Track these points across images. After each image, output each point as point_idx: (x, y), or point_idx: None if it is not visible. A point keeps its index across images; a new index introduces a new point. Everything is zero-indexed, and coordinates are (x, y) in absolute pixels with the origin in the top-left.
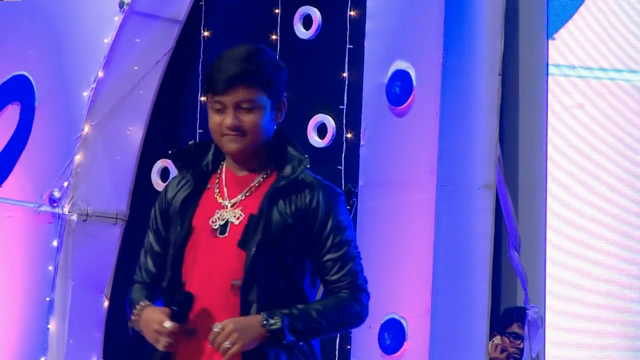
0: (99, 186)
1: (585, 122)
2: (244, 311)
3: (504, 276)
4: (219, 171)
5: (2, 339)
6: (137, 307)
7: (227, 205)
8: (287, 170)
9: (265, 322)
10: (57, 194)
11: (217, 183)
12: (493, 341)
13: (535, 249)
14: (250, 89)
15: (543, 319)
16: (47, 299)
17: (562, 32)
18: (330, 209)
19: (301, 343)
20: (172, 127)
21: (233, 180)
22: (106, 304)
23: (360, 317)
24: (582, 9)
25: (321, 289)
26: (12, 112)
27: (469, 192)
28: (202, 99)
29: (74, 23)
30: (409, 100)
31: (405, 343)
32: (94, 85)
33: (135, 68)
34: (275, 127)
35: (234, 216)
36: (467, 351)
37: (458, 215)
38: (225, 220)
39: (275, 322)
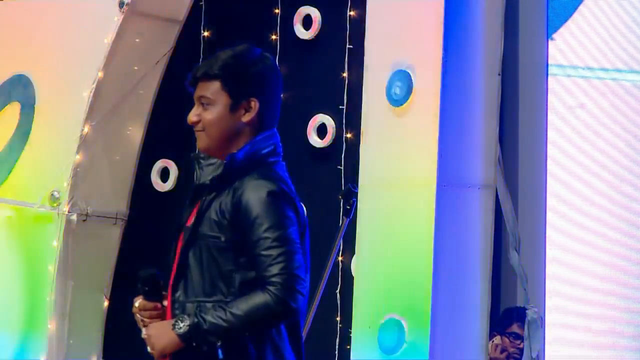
0: (98, 186)
1: (587, 122)
2: (173, 309)
3: (504, 276)
4: None
5: (2, 339)
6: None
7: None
8: (226, 164)
9: (174, 325)
10: (57, 194)
11: None
12: (493, 341)
13: (535, 249)
14: (208, 83)
15: (543, 319)
16: (47, 299)
17: (562, 31)
18: (251, 203)
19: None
20: (172, 127)
21: None
22: (106, 303)
23: (282, 315)
24: (581, 8)
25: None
26: (13, 112)
27: (469, 192)
28: None
29: (74, 23)
30: (408, 101)
31: (405, 343)
32: (94, 85)
33: (135, 68)
34: (247, 127)
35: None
36: (467, 351)
37: (458, 215)
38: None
39: (184, 326)
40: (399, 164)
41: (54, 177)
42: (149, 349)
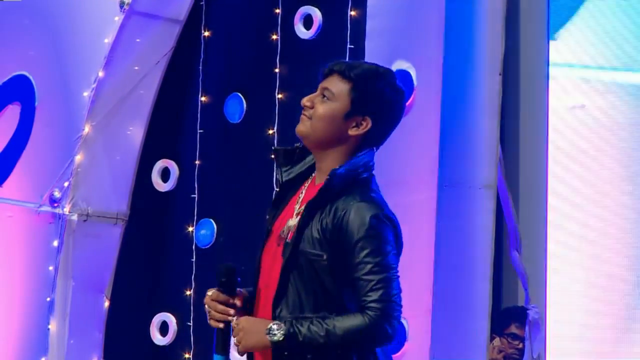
0: (99, 186)
1: (587, 122)
2: (274, 317)
3: (505, 276)
4: (312, 175)
5: (2, 339)
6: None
7: (294, 214)
8: (326, 184)
9: (268, 330)
10: (57, 194)
11: (304, 186)
12: (492, 343)
13: (536, 249)
14: (340, 81)
15: (544, 319)
16: (48, 299)
17: (563, 32)
18: (356, 226)
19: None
20: (173, 127)
21: (311, 187)
22: (106, 304)
23: (379, 341)
24: (582, 9)
25: None
26: (13, 112)
27: (469, 192)
28: (203, 99)
29: (74, 23)
30: (409, 101)
31: (406, 343)
32: (94, 85)
33: (136, 68)
34: (349, 138)
35: (293, 225)
36: (468, 351)
37: (459, 215)
38: (289, 230)
39: (278, 334)
40: (399, 164)
41: (54, 177)
42: (234, 339)
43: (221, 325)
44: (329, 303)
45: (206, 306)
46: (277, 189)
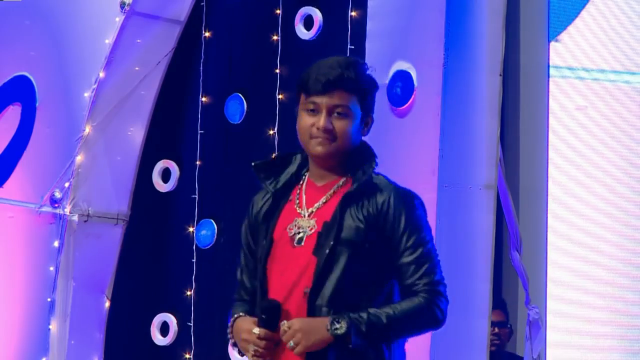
0: (100, 187)
1: (588, 124)
2: (312, 316)
3: (505, 276)
4: (301, 182)
5: (3, 340)
6: (232, 319)
7: (304, 215)
8: (359, 174)
9: (330, 326)
10: (58, 195)
11: (298, 194)
12: None
13: (536, 249)
14: (347, 95)
15: (544, 320)
16: (48, 299)
17: (565, 34)
18: (402, 211)
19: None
20: (174, 127)
21: (312, 189)
22: (107, 304)
23: (435, 322)
24: (584, 11)
25: None
26: (13, 112)
27: (470, 192)
28: (204, 99)
29: (75, 24)
30: (410, 101)
31: (406, 344)
32: (95, 86)
33: (137, 68)
34: (361, 140)
35: (309, 226)
36: (468, 351)
37: (459, 215)
38: (301, 230)
39: (341, 327)
40: (400, 165)
41: (55, 178)
42: (290, 343)
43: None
44: (363, 293)
45: (246, 343)
46: (266, 202)
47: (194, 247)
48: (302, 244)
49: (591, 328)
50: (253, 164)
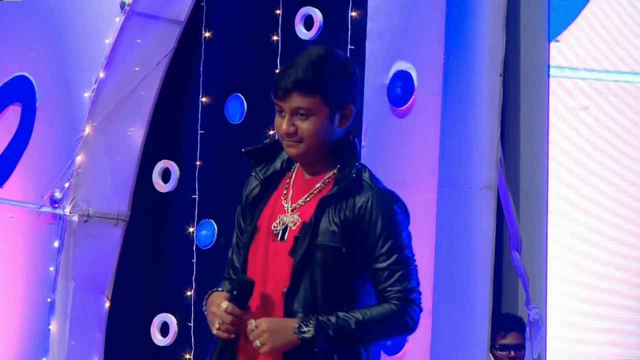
0: (100, 187)
1: (589, 124)
2: (288, 316)
3: (505, 277)
4: (292, 170)
5: (3, 340)
6: (208, 293)
7: (288, 210)
8: (340, 177)
9: (298, 329)
10: (58, 195)
11: (287, 183)
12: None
13: (536, 249)
14: (307, 96)
15: (544, 320)
16: (48, 299)
17: (566, 34)
18: (379, 216)
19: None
20: (174, 128)
21: (300, 182)
22: (107, 304)
23: (405, 329)
24: (585, 10)
25: None
26: (13, 113)
27: (470, 192)
28: (204, 99)
29: (75, 24)
30: (410, 101)
31: (406, 344)
32: (95, 86)
33: (137, 69)
34: (345, 131)
35: (292, 222)
36: (469, 352)
37: (459, 215)
38: (284, 225)
39: (308, 331)
40: (400, 165)
41: (55, 178)
42: (256, 342)
43: (231, 336)
44: (339, 296)
45: (213, 316)
46: (255, 187)
47: (194, 248)
48: (284, 239)
49: (591, 328)
50: (243, 150)
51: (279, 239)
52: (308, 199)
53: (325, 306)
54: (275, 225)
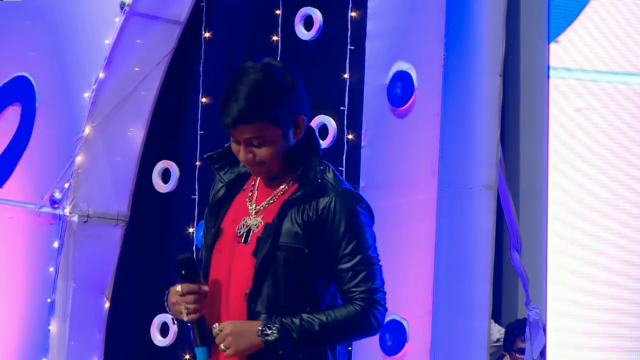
0: (100, 187)
1: (589, 125)
2: (251, 318)
3: (505, 277)
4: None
5: (3, 340)
6: (165, 294)
7: (252, 212)
8: (305, 180)
9: (261, 332)
10: (58, 195)
11: (252, 186)
12: None
13: (536, 250)
14: (252, 125)
15: (544, 320)
16: (48, 300)
17: (566, 34)
18: (342, 216)
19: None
20: (173, 128)
21: (264, 185)
22: (107, 305)
23: (370, 330)
24: (585, 11)
25: None
26: (13, 113)
27: (470, 193)
28: (203, 100)
29: (74, 24)
30: (410, 102)
31: (406, 344)
32: (95, 86)
33: (136, 69)
34: (304, 132)
35: (255, 224)
36: (468, 352)
37: (459, 216)
38: (248, 228)
39: (272, 334)
40: (400, 165)
41: (54, 179)
42: (221, 346)
43: (202, 312)
44: (303, 296)
45: (177, 305)
46: (220, 189)
47: (194, 248)
48: (248, 242)
49: (591, 328)
50: (205, 156)
51: (242, 241)
52: (272, 201)
53: (288, 307)
54: (240, 228)
